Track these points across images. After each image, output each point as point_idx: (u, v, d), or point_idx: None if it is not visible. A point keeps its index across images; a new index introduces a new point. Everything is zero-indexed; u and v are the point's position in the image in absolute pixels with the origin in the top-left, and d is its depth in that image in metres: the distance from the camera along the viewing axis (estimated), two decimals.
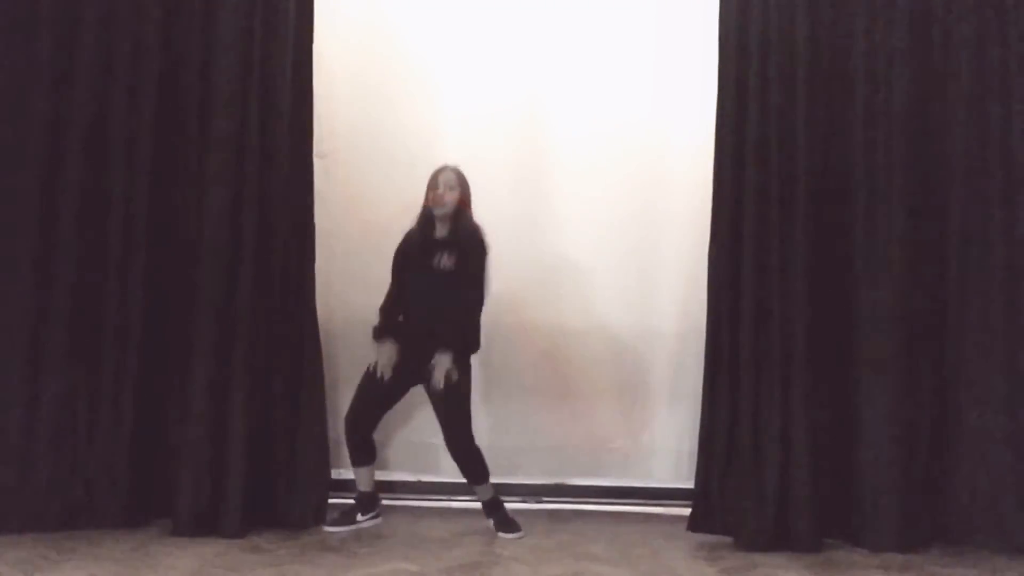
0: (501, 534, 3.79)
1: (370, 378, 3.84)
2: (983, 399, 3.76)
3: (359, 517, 3.86)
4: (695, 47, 4.24)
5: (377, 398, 3.86)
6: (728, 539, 3.73)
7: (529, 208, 4.31)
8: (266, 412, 3.84)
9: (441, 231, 3.86)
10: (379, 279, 4.37)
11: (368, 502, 3.91)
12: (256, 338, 3.79)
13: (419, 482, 4.32)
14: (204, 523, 3.66)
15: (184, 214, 3.87)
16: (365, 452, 3.89)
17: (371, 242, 4.37)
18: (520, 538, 3.76)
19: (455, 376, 3.71)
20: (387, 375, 3.79)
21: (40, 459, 3.68)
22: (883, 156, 3.80)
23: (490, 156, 4.24)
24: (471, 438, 3.82)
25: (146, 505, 3.79)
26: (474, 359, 3.88)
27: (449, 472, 4.29)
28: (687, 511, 3.87)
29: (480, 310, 3.81)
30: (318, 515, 3.86)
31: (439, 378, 3.69)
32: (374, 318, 3.93)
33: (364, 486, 3.91)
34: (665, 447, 4.35)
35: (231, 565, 3.33)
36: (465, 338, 3.78)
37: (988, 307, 3.78)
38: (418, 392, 4.36)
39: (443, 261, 3.78)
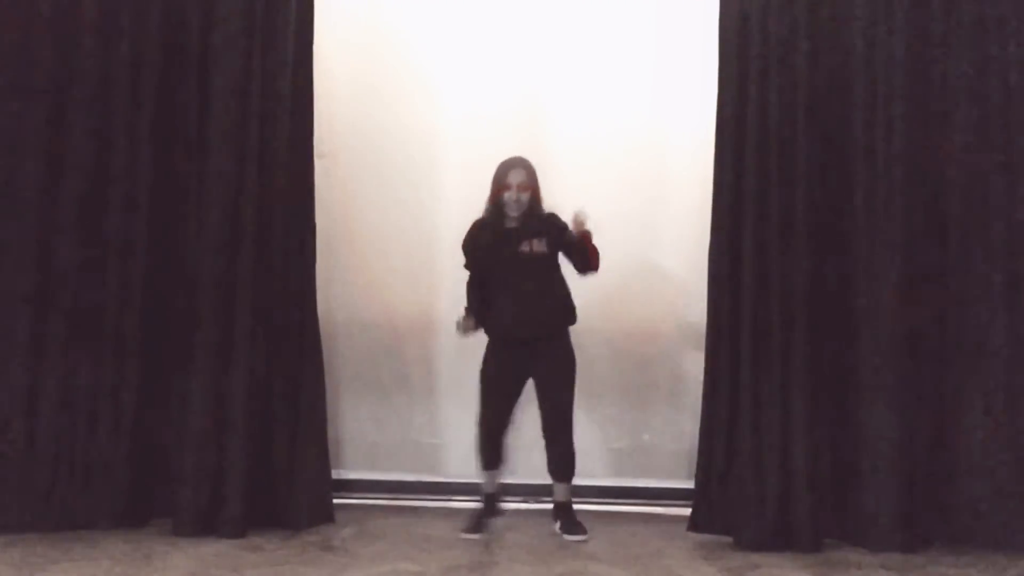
0: (567, 536, 3.75)
1: (492, 381, 3.81)
2: (983, 399, 3.75)
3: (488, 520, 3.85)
4: (695, 47, 4.24)
5: (504, 398, 3.82)
6: (728, 539, 3.73)
7: None
8: (266, 412, 3.83)
9: (512, 223, 3.81)
10: (379, 279, 4.39)
11: (494, 504, 3.89)
12: (256, 338, 3.79)
13: (419, 482, 4.32)
14: (204, 523, 3.66)
15: (184, 214, 3.87)
16: (499, 456, 3.85)
17: (371, 242, 4.38)
18: (586, 540, 3.73)
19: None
20: (467, 332, 3.78)
21: (40, 459, 3.68)
22: (883, 154, 3.80)
23: (490, 156, 4.23)
24: (572, 425, 3.80)
25: (146, 505, 3.79)
26: (473, 358, 3.87)
27: (449, 472, 4.30)
28: (687, 511, 3.87)
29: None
30: (318, 515, 3.85)
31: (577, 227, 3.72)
32: (374, 318, 3.92)
33: (491, 488, 3.89)
34: (665, 447, 4.35)
35: (231, 565, 3.33)
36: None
37: (989, 306, 3.78)
38: (418, 393, 4.39)
39: (534, 246, 3.75)
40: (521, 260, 3.76)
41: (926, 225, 3.83)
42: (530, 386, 3.82)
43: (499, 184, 3.81)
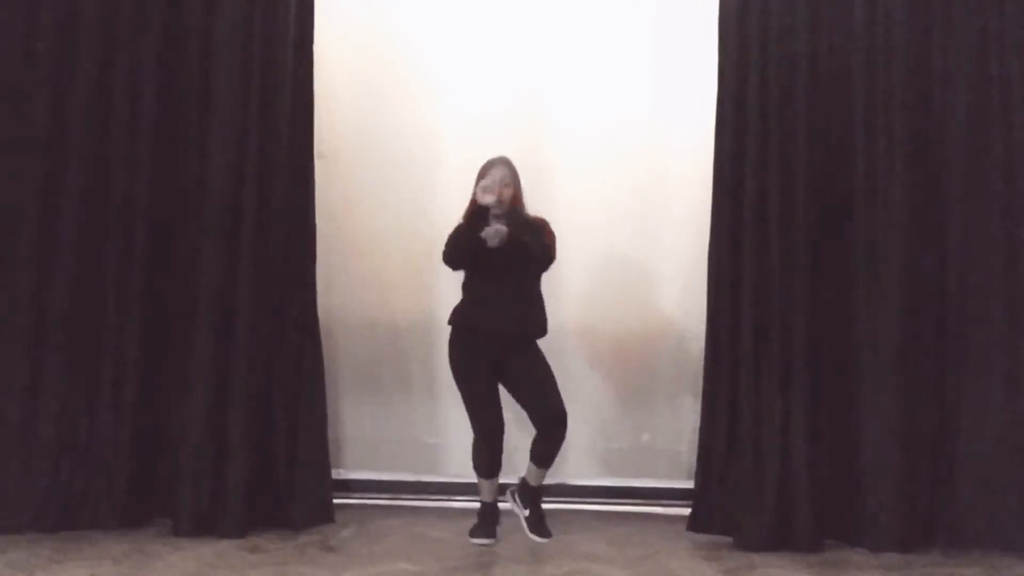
0: (532, 536, 3.61)
1: (472, 384, 3.60)
2: (983, 399, 3.75)
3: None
4: (695, 47, 4.24)
5: (492, 401, 3.61)
6: (728, 539, 3.73)
7: (529, 208, 4.31)
8: (266, 412, 3.84)
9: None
10: (379, 279, 4.38)
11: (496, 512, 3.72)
12: (256, 338, 3.79)
13: (419, 482, 4.32)
14: (204, 523, 3.66)
15: (184, 214, 3.87)
16: (498, 463, 3.64)
17: (371, 242, 4.38)
18: (546, 543, 3.61)
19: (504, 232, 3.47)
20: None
21: (40, 459, 3.68)
22: (883, 154, 3.80)
23: (490, 156, 4.24)
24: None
25: (146, 505, 3.79)
26: None
27: (449, 472, 4.30)
28: (687, 511, 3.87)
29: (551, 252, 3.57)
30: (318, 515, 3.85)
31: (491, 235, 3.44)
32: (374, 318, 3.91)
33: (490, 497, 3.70)
34: (665, 447, 4.35)
35: (231, 565, 3.33)
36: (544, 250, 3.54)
37: (989, 306, 3.78)
38: (418, 393, 4.38)
39: (498, 229, 3.44)
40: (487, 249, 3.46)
41: (927, 223, 3.83)
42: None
43: (479, 182, 3.59)
